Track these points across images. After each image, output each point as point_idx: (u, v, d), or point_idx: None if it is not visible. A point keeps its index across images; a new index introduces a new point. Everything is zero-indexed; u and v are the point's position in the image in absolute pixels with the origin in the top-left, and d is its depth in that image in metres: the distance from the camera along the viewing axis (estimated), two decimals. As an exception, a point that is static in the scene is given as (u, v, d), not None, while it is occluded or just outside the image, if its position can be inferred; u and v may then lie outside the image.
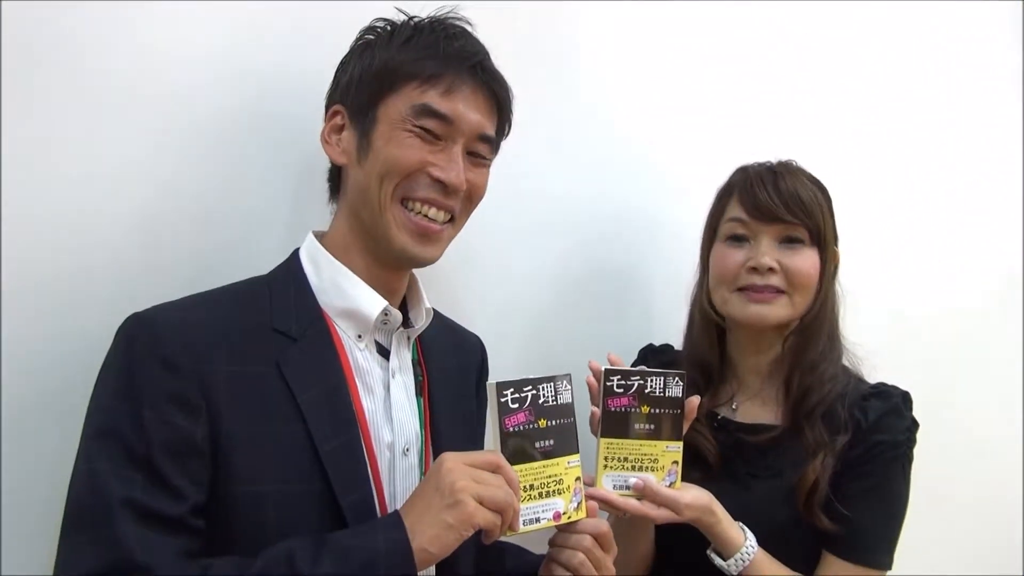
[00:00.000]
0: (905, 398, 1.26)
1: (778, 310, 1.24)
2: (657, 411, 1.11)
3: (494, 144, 1.02)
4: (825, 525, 1.18)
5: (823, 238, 1.25)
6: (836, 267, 1.31)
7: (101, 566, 0.78)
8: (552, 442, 0.97)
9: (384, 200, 0.95)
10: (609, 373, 1.11)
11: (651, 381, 1.11)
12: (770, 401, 1.29)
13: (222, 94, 1.10)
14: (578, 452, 1.00)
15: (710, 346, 1.32)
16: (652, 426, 1.11)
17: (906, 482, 1.24)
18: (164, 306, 0.89)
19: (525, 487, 0.94)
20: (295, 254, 1.00)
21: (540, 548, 1.08)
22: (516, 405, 0.95)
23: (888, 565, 1.22)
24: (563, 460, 0.98)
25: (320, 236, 1.01)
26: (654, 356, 1.42)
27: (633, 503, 1.10)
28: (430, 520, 0.84)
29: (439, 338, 1.08)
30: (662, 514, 1.11)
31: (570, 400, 0.99)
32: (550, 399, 0.98)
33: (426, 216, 0.97)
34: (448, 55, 0.96)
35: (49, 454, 0.95)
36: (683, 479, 1.16)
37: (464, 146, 0.98)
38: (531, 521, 0.95)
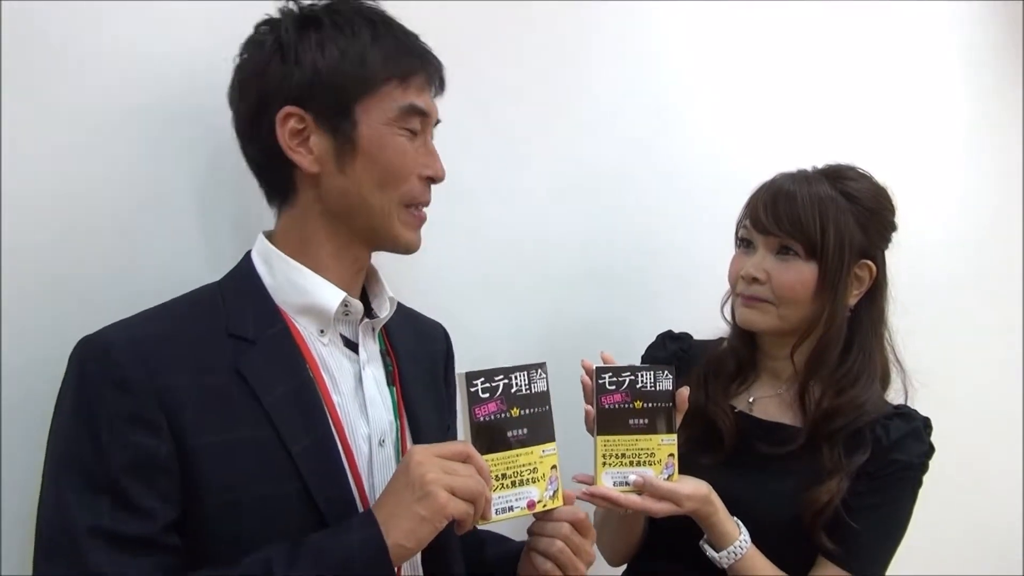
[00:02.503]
0: (926, 423, 1.28)
1: (764, 318, 1.25)
2: (650, 405, 1.13)
3: None
4: (825, 545, 1.19)
5: (823, 251, 1.22)
6: (876, 282, 1.28)
7: None
8: (526, 431, 0.97)
9: (389, 207, 0.94)
10: (600, 371, 1.12)
11: (641, 376, 1.13)
12: (788, 403, 1.30)
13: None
14: (554, 440, 0.99)
15: (742, 345, 1.33)
16: (646, 420, 1.13)
17: (911, 504, 1.25)
18: (114, 326, 0.88)
19: (497, 476, 0.94)
20: (247, 257, 0.98)
21: (521, 536, 1.07)
22: (487, 395, 0.95)
23: None
24: (537, 449, 0.98)
25: (270, 236, 0.99)
26: (672, 342, 1.44)
27: (634, 499, 1.12)
28: (403, 514, 0.83)
29: (403, 327, 1.07)
30: (663, 507, 1.13)
31: (545, 388, 0.99)
32: (523, 388, 0.97)
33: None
34: (415, 51, 0.96)
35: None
36: (694, 462, 1.18)
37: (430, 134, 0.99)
38: (504, 510, 0.95)
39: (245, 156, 0.98)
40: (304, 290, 0.94)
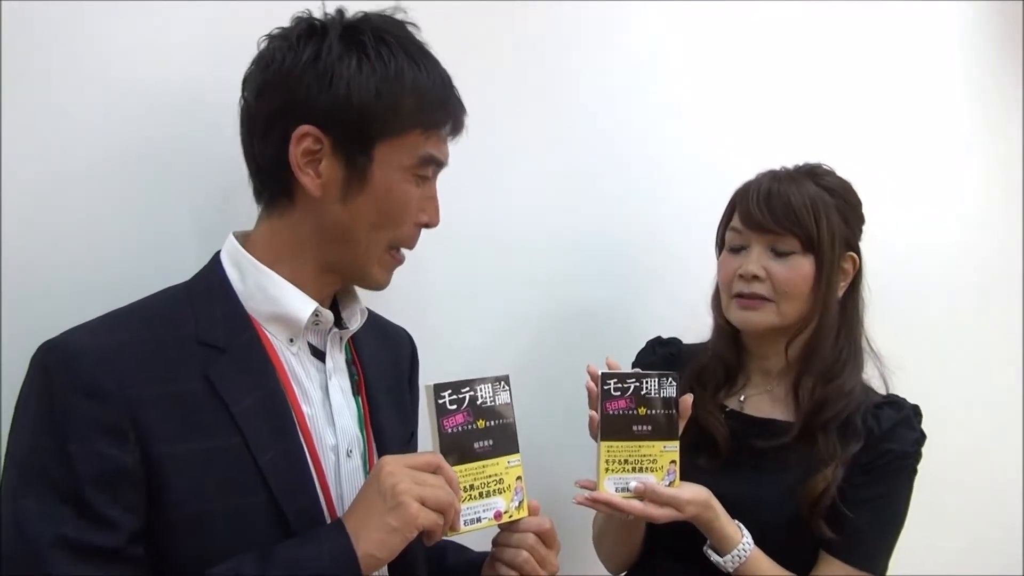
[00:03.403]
0: (916, 410, 1.30)
1: (764, 316, 1.27)
2: (653, 412, 1.15)
3: None
4: (824, 533, 1.21)
5: (819, 245, 1.25)
6: (856, 273, 1.32)
7: None
8: (491, 442, 0.98)
9: (374, 248, 0.94)
10: (606, 377, 1.14)
11: (646, 383, 1.15)
12: (779, 399, 1.32)
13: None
14: (518, 452, 1.01)
15: (726, 346, 1.35)
16: (649, 427, 1.15)
17: (909, 493, 1.27)
18: (77, 331, 0.86)
19: (465, 487, 0.95)
20: (216, 259, 0.96)
21: (483, 547, 1.08)
22: (454, 407, 0.96)
23: (883, 570, 1.26)
24: (503, 460, 0.99)
25: (243, 238, 0.96)
26: (661, 347, 1.46)
27: (636, 504, 1.14)
28: (373, 524, 0.84)
29: (369, 334, 1.06)
30: (664, 513, 1.15)
31: (508, 401, 1.00)
32: (488, 400, 0.98)
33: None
34: (448, 102, 0.95)
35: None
36: (691, 465, 1.20)
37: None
38: (472, 521, 0.96)
39: (244, 148, 0.95)
40: (275, 299, 0.93)
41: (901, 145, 2.27)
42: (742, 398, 1.34)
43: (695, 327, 1.44)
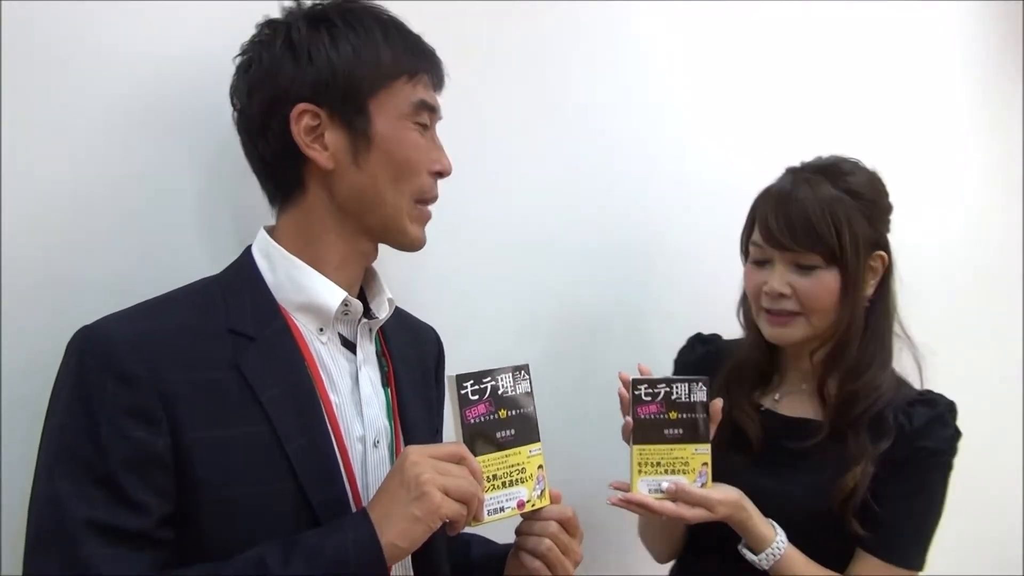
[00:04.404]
0: (951, 407, 1.28)
1: (796, 331, 1.27)
2: (684, 416, 1.18)
3: None
4: (856, 530, 1.21)
5: (842, 257, 1.23)
6: (886, 271, 1.30)
7: None
8: (513, 432, 0.99)
9: (402, 202, 0.96)
10: (636, 383, 1.17)
11: (676, 388, 1.18)
12: (814, 397, 1.32)
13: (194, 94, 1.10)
14: (539, 441, 1.01)
15: (759, 350, 1.35)
16: (680, 430, 1.18)
17: (944, 488, 1.27)
18: (114, 317, 0.88)
19: (489, 477, 0.96)
20: (247, 251, 0.98)
21: (507, 538, 1.09)
22: (476, 397, 0.96)
23: (920, 566, 1.26)
24: (525, 449, 0.99)
25: (271, 231, 0.99)
26: (702, 345, 1.47)
27: (669, 505, 1.16)
28: (397, 514, 0.84)
29: (398, 329, 1.08)
30: (696, 513, 1.17)
31: (529, 390, 1.01)
32: (509, 389, 0.99)
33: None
34: (422, 50, 0.99)
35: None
36: (726, 462, 1.22)
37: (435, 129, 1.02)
38: (495, 511, 0.96)
39: (250, 156, 0.99)
40: (305, 288, 0.94)
41: (901, 142, 2.29)
42: (777, 397, 1.35)
43: (711, 324, 1.46)
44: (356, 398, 0.97)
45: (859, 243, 1.24)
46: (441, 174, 1.00)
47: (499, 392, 0.98)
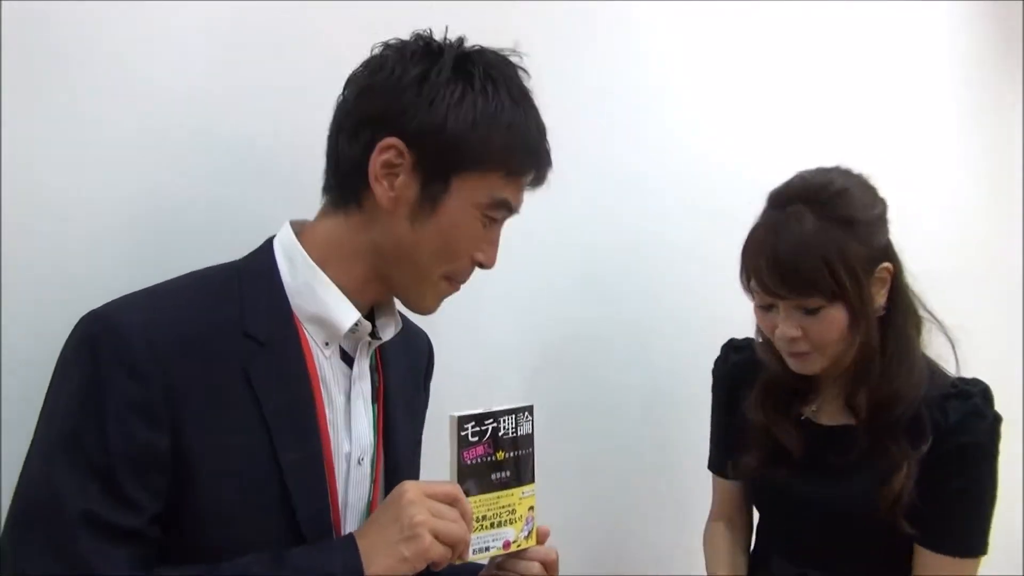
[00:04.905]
0: (985, 394, 1.26)
1: (816, 364, 1.26)
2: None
3: None
4: (907, 530, 1.22)
5: (844, 291, 1.20)
6: (897, 279, 1.27)
7: (58, 574, 0.78)
8: (508, 474, 0.98)
9: (431, 275, 0.95)
10: (463, 421, 0.95)
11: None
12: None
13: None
14: (534, 481, 1.01)
15: (787, 371, 1.32)
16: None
17: (994, 476, 1.26)
18: (127, 305, 0.87)
19: (478, 518, 0.96)
20: (268, 245, 0.97)
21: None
22: (476, 439, 0.96)
23: (984, 550, 1.26)
24: (518, 491, 1.00)
25: (299, 229, 0.97)
26: (736, 353, 1.46)
27: None
28: (385, 550, 0.85)
29: (394, 339, 1.06)
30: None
31: (530, 431, 1.00)
32: (510, 431, 0.99)
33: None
34: (537, 152, 0.96)
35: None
36: (769, 476, 1.23)
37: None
38: (480, 550, 0.97)
39: (329, 144, 0.96)
40: (321, 301, 0.94)
41: (900, 144, 2.27)
42: (815, 408, 1.34)
43: (714, 329, 1.47)
44: (347, 414, 0.97)
45: (857, 272, 1.20)
46: (482, 265, 0.98)
47: (499, 434, 0.97)
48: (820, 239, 1.19)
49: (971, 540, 1.25)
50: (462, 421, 0.95)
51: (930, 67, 2.44)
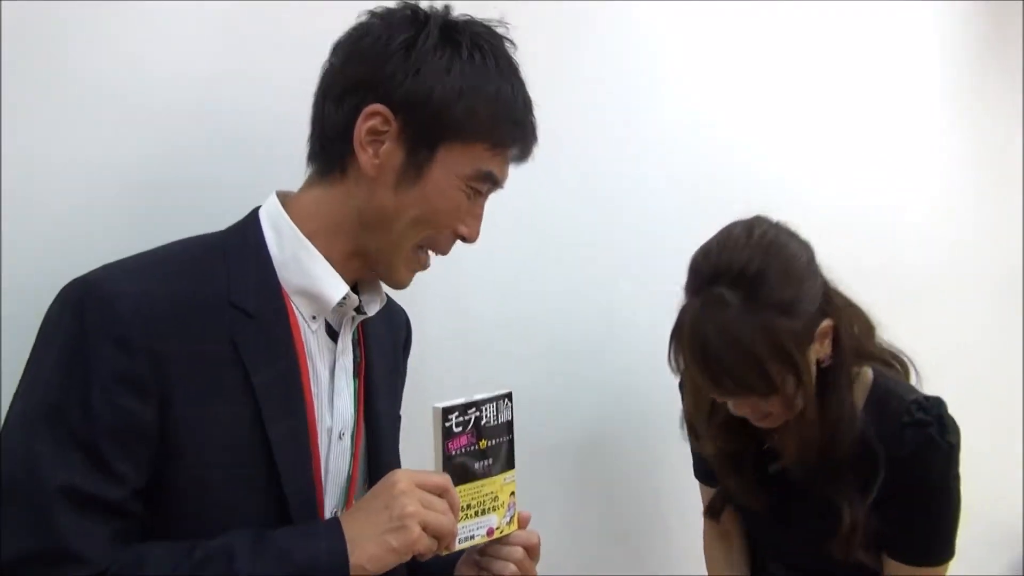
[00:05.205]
0: (939, 417, 1.21)
1: (776, 422, 1.23)
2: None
3: None
4: (867, 560, 1.24)
5: (782, 380, 1.14)
6: (837, 327, 1.20)
7: (31, 549, 0.76)
8: (491, 461, 0.98)
9: (406, 243, 0.94)
10: (447, 412, 0.95)
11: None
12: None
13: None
14: (514, 467, 1.01)
15: (741, 433, 1.29)
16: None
17: (956, 491, 1.24)
18: (116, 273, 0.85)
19: (463, 507, 0.95)
20: (255, 216, 0.95)
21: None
22: (460, 429, 0.95)
23: (950, 554, 1.26)
24: (500, 478, 1.00)
25: (285, 199, 0.95)
26: None
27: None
28: (372, 539, 0.84)
29: (375, 315, 1.04)
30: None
31: (510, 418, 1.00)
32: (492, 419, 0.98)
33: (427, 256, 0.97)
34: (524, 125, 0.95)
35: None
36: (751, 516, 1.28)
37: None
38: (466, 539, 0.96)
39: (313, 107, 0.95)
40: (309, 274, 0.92)
41: (901, 143, 2.27)
42: (777, 464, 1.32)
43: None
44: (331, 389, 0.96)
45: (792, 355, 1.13)
46: (464, 239, 0.97)
47: (482, 423, 0.97)
48: (744, 330, 1.12)
49: (937, 548, 1.26)
50: (446, 412, 0.94)
51: (930, 67, 2.42)
